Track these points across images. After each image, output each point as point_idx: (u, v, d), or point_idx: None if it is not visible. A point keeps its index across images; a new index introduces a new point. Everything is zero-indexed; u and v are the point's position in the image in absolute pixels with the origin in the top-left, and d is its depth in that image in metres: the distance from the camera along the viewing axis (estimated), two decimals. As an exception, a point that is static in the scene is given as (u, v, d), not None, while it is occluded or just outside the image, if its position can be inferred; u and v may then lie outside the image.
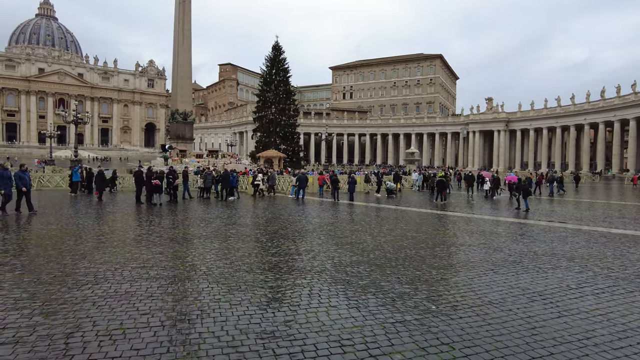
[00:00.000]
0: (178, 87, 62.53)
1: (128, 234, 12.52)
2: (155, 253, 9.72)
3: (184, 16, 62.35)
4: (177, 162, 53.05)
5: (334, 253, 10.08)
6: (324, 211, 20.00)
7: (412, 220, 17.19)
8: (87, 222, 14.80)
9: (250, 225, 14.76)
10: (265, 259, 9.30)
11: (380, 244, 11.53)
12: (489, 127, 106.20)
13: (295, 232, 13.30)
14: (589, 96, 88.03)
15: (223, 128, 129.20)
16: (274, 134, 70.57)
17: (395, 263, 9.18)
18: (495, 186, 29.90)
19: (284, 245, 10.90)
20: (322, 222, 15.76)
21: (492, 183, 30.02)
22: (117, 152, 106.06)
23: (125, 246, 10.50)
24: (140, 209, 19.68)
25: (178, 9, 62.19)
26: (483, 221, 17.19)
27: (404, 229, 14.46)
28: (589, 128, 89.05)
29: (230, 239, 11.94)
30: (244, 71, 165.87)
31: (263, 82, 72.86)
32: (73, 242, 10.84)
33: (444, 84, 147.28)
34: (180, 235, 12.36)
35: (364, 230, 13.90)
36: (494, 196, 29.49)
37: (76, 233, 12.25)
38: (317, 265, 8.76)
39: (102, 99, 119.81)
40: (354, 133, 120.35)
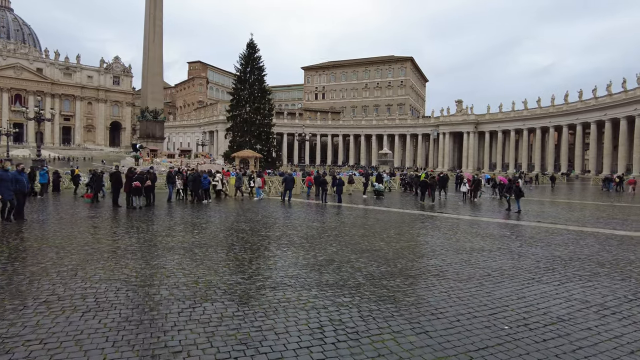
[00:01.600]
0: (148, 84, 59.87)
1: (117, 244, 11.19)
2: (158, 267, 8.54)
3: (156, 10, 59.79)
4: (148, 162, 50.64)
5: (357, 263, 9.22)
6: (318, 214, 19.09)
7: (412, 223, 16.57)
8: (70, 230, 13.28)
9: (249, 231, 13.67)
10: (289, 273, 8.28)
11: (398, 251, 10.77)
12: (459, 129, 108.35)
13: (302, 238, 12.33)
14: (553, 100, 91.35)
15: (192, 127, 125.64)
16: (249, 134, 68.98)
17: (428, 275, 8.42)
18: (476, 188, 28.93)
19: (299, 255, 9.93)
20: (324, 227, 14.87)
21: (472, 185, 28.97)
22: (81, 152, 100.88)
23: (120, 259, 9.25)
24: (120, 212, 18.12)
25: (149, 3, 59.57)
26: (484, 224, 16.80)
27: (412, 234, 13.80)
28: (553, 130, 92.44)
29: (234, 247, 10.85)
30: (215, 69, 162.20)
31: (237, 81, 71.08)
32: (56, 255, 9.46)
33: (414, 87, 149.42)
34: (178, 244, 11.14)
35: (373, 235, 13.11)
36: (474, 198, 28.43)
37: (60, 244, 10.82)
38: (347, 279, 7.87)
39: (63, 96, 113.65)
40: (327, 134, 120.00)
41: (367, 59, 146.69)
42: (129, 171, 21.50)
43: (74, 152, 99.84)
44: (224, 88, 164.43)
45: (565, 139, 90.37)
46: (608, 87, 78.05)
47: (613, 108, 75.87)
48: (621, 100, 73.91)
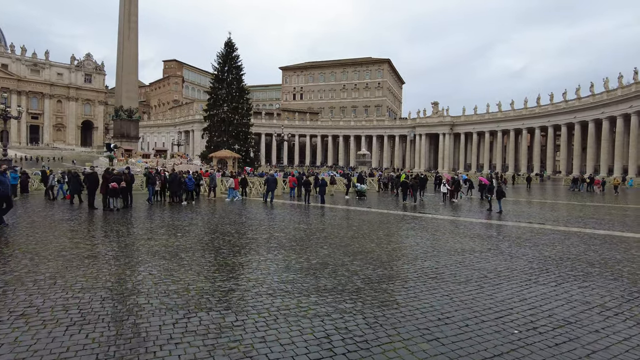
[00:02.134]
0: (123, 83, 58.18)
1: (98, 248, 10.60)
2: (144, 273, 8.07)
3: (131, 6, 58.16)
4: (123, 162, 49.12)
5: (352, 266, 8.97)
6: (303, 216, 18.79)
7: (399, 224, 16.48)
8: (44, 234, 12.54)
9: (235, 233, 13.24)
10: (284, 277, 7.95)
11: (391, 253, 10.61)
12: (435, 131, 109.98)
13: (291, 241, 12.01)
14: (526, 103, 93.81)
15: (167, 127, 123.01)
16: (226, 134, 67.89)
17: (426, 277, 8.25)
18: (456, 189, 28.60)
19: (291, 258, 9.61)
20: (312, 228, 14.58)
21: (452, 185, 28.65)
22: (50, 152, 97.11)
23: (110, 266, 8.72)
24: (97, 215, 17.33)
25: (124, 0, 57.87)
26: (469, 224, 16.88)
27: (401, 235, 13.68)
28: (526, 132, 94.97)
29: (222, 251, 10.43)
30: (191, 68, 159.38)
31: (215, 79, 69.81)
32: (30, 262, 8.84)
33: (391, 88, 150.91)
34: (163, 248, 10.64)
35: (362, 237, 12.91)
36: (453, 199, 28.04)
37: (34, 249, 10.15)
38: (345, 283, 7.61)
39: (31, 93, 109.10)
40: (305, 134, 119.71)
41: (345, 60, 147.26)
42: (106, 172, 20.66)
43: (43, 151, 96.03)
44: (200, 87, 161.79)
45: (537, 140, 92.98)
46: (577, 91, 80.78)
47: (582, 111, 78.55)
48: (589, 104, 76.59)
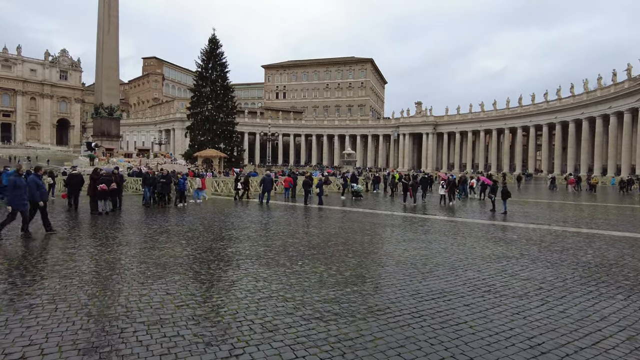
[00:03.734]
0: (103, 79, 55.87)
1: (96, 261, 9.36)
2: (160, 293, 6.95)
3: (111, 1, 55.85)
4: (105, 162, 47.05)
5: (392, 278, 8.04)
6: (308, 218, 17.79)
7: (411, 226, 15.64)
8: (28, 244, 11.18)
9: (245, 240, 12.13)
10: (326, 296, 6.88)
11: (423, 261, 9.72)
12: (419, 130, 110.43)
13: (309, 248, 10.99)
14: (508, 103, 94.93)
15: (147, 125, 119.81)
16: (211, 132, 66.27)
17: (479, 291, 7.40)
18: (452, 190, 26.12)
19: (320, 270, 8.59)
20: (324, 233, 13.57)
21: (448, 186, 25.92)
22: (23, 151, 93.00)
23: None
24: (86, 219, 15.92)
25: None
26: (481, 226, 16.25)
27: (421, 239, 12.79)
28: (508, 132, 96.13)
29: (241, 262, 9.35)
30: (171, 66, 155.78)
31: (198, 77, 68.14)
32: (20, 280, 7.59)
33: (374, 88, 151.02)
34: (171, 259, 9.48)
35: (382, 242, 12.03)
36: (452, 201, 25.78)
37: (20, 264, 8.85)
38: (397, 301, 6.66)
39: (2, 90, 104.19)
40: (289, 133, 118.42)
41: (329, 60, 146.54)
42: (94, 172, 19.16)
43: (16, 150, 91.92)
44: (181, 85, 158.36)
45: (519, 140, 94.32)
46: (558, 91, 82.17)
47: (563, 112, 79.88)
48: (570, 104, 77.93)
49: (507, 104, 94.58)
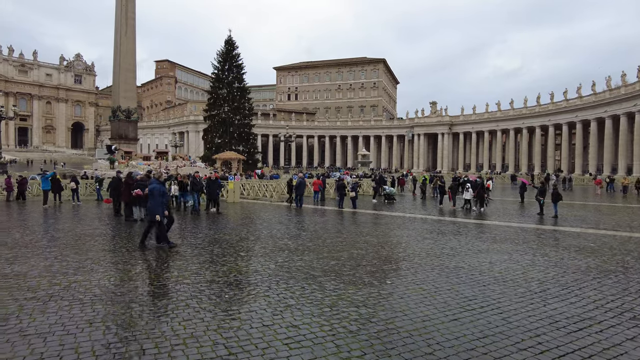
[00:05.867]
0: (120, 82, 55.55)
1: (161, 280, 8.54)
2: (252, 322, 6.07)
3: (127, 2, 55.59)
4: (124, 165, 46.63)
5: (510, 303, 7.10)
6: (356, 224, 16.87)
7: (470, 234, 14.64)
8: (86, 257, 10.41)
9: (312, 251, 11.27)
10: (463, 330, 6.00)
11: (526, 280, 8.77)
12: (434, 130, 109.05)
13: (386, 262, 10.09)
14: (526, 102, 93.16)
15: (161, 128, 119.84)
16: (228, 134, 65.62)
17: (627, 325, 6.42)
18: (479, 194, 22.62)
19: (426, 294, 7.71)
20: (389, 242, 12.67)
21: (477, 190, 22.73)
22: (40, 154, 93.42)
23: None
24: (125, 226, 15.19)
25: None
26: (542, 232, 15.24)
27: (500, 250, 11.82)
28: (526, 131, 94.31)
29: (328, 278, 8.47)
30: (183, 69, 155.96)
31: (215, 79, 67.53)
32: (68, 312, 6.78)
33: (387, 88, 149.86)
34: (244, 276, 8.63)
35: (458, 253, 11.08)
36: (483, 207, 22.67)
37: (79, 281, 8.04)
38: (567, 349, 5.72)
39: (19, 95, 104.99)
40: (302, 135, 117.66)
41: (340, 60, 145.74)
42: (129, 177, 18.44)
43: (33, 154, 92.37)
44: (193, 87, 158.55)
45: (537, 139, 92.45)
46: (578, 89, 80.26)
47: (584, 110, 77.94)
48: (591, 102, 76.01)
49: (525, 102, 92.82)
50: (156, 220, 11.07)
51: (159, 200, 11.12)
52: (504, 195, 36.05)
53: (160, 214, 11.07)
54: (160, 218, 11.06)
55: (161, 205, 11.19)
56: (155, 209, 11.08)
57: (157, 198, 11.12)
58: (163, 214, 11.17)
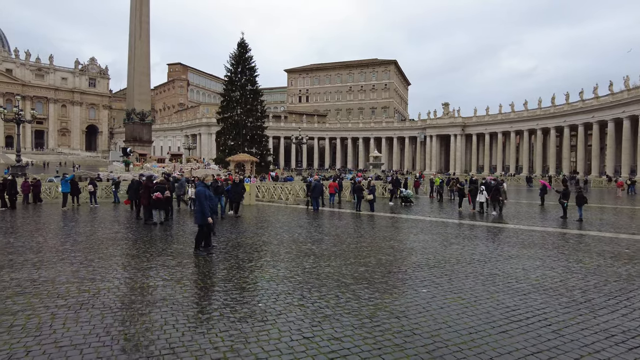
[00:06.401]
0: (135, 85, 56.00)
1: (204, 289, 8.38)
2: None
3: (142, 6, 56.08)
4: (139, 167, 46.91)
5: (572, 318, 6.78)
6: (377, 228, 16.58)
7: (496, 238, 14.25)
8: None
9: (332, 255, 11.03)
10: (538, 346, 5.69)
11: (562, 283, 8.42)
12: (446, 132, 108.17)
13: (411, 266, 9.81)
14: (540, 102, 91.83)
15: (174, 131, 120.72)
16: (241, 137, 65.79)
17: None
18: (494, 198, 21.50)
19: (466, 305, 7.41)
20: (410, 247, 12.38)
21: (492, 193, 21.61)
22: (55, 157, 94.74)
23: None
24: (147, 230, 15.11)
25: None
26: (570, 236, 14.78)
27: (531, 256, 11.44)
28: (541, 133, 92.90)
29: (364, 285, 8.22)
30: (195, 71, 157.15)
31: (228, 81, 67.83)
32: (118, 329, 6.61)
33: (398, 90, 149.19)
34: (294, 289, 8.40)
35: (489, 259, 10.74)
36: (494, 211, 21.62)
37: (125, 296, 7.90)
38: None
39: (35, 98, 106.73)
40: (313, 137, 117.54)
41: (351, 62, 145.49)
42: (148, 180, 18.39)
43: (48, 156, 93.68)
44: (205, 90, 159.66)
45: (552, 141, 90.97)
46: (595, 90, 78.81)
47: (600, 110, 76.48)
48: (608, 103, 74.54)
49: (539, 103, 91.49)
50: (204, 224, 10.97)
51: (205, 204, 11.00)
52: (520, 198, 35.41)
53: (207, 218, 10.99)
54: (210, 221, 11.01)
55: (208, 209, 11.05)
56: (205, 213, 10.96)
57: (203, 202, 11.01)
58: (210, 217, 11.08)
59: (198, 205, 11.11)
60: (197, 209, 11.16)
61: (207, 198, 11.11)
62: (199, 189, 11.24)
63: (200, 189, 11.23)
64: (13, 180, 23.50)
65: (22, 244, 12.48)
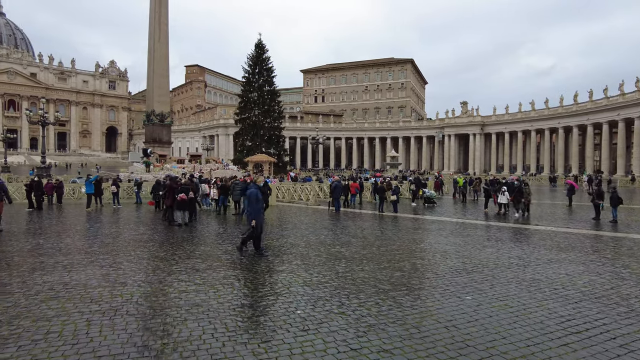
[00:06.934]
0: (154, 86, 56.49)
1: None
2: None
3: (161, 8, 56.57)
4: (159, 168, 47.31)
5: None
6: (403, 230, 16.17)
7: (530, 241, 13.70)
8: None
9: (363, 259, 10.71)
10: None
11: (613, 290, 7.94)
12: (464, 131, 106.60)
13: (450, 271, 9.41)
14: (562, 100, 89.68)
15: (192, 132, 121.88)
16: (258, 137, 65.89)
17: None
18: (517, 199, 20.70)
19: (499, 309, 7.01)
20: (443, 250, 11.97)
21: (514, 194, 20.84)
22: (77, 158, 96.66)
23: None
24: (177, 232, 15.02)
25: (154, 1, 56.32)
26: (608, 239, 14.13)
27: (575, 260, 10.92)
28: (562, 131, 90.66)
29: (410, 289, 7.88)
30: (212, 73, 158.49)
31: (245, 82, 68.02)
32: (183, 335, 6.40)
33: (415, 89, 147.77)
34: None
35: (529, 264, 10.26)
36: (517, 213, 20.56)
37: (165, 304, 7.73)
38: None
39: (58, 101, 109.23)
40: (329, 137, 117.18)
41: (367, 62, 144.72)
42: (173, 181, 18.35)
43: (70, 158, 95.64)
44: (222, 92, 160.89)
45: (575, 139, 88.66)
46: (620, 86, 76.47)
47: (626, 108, 74.18)
48: (635, 99, 72.26)
49: (561, 101, 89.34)
50: (253, 225, 10.91)
51: (256, 206, 10.97)
52: (545, 198, 34.38)
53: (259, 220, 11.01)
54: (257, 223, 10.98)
55: (258, 212, 11.03)
56: (257, 215, 10.94)
57: (254, 203, 10.94)
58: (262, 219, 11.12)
59: (249, 207, 11.04)
60: (249, 210, 11.06)
61: (257, 200, 11.02)
62: (252, 191, 11.13)
63: (253, 191, 11.12)
64: (39, 182, 23.83)
65: (51, 245, 12.50)
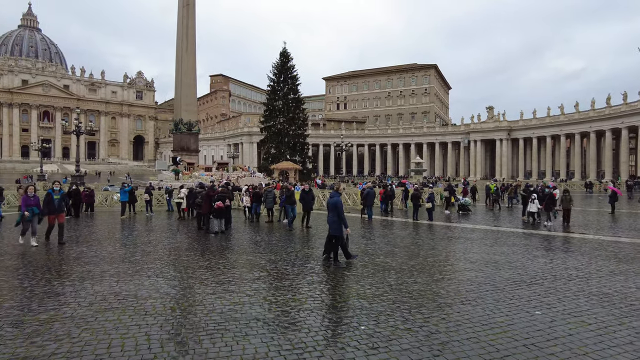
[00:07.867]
0: (182, 96, 57.61)
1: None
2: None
3: (189, 20, 57.81)
4: (188, 176, 47.93)
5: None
6: (441, 239, 15.67)
7: (582, 250, 13.01)
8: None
9: (412, 270, 10.31)
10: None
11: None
12: (491, 136, 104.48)
13: (511, 283, 8.93)
14: (593, 104, 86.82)
15: (217, 140, 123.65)
16: (283, 145, 66.22)
17: None
18: (547, 207, 20.22)
19: (577, 327, 6.52)
20: (492, 260, 11.45)
21: (545, 201, 20.45)
22: (106, 166, 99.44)
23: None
24: (205, 238, 14.96)
25: (182, 12, 57.63)
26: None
27: (635, 271, 10.28)
28: (595, 136, 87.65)
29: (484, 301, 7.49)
30: (236, 82, 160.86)
31: (270, 91, 68.64)
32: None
33: (438, 94, 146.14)
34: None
35: (591, 277, 9.68)
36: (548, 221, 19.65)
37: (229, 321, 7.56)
38: None
39: (89, 111, 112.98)
40: (352, 143, 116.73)
41: (390, 68, 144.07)
42: (210, 189, 18.38)
43: (100, 166, 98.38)
44: (246, 100, 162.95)
45: (608, 144, 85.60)
46: (657, 88, 73.55)
47: (665, 110, 71.33)
48: (675, 101, 69.42)
49: (592, 105, 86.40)
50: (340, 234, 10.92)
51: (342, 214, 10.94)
52: (582, 205, 33.04)
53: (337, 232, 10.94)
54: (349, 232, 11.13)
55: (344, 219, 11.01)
56: (345, 224, 10.95)
57: (342, 212, 10.95)
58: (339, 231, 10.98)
59: (336, 216, 10.88)
60: (334, 219, 10.90)
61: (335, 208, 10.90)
62: (337, 199, 11.00)
63: (339, 199, 11.02)
64: (77, 190, 24.33)
65: (95, 253, 12.58)
